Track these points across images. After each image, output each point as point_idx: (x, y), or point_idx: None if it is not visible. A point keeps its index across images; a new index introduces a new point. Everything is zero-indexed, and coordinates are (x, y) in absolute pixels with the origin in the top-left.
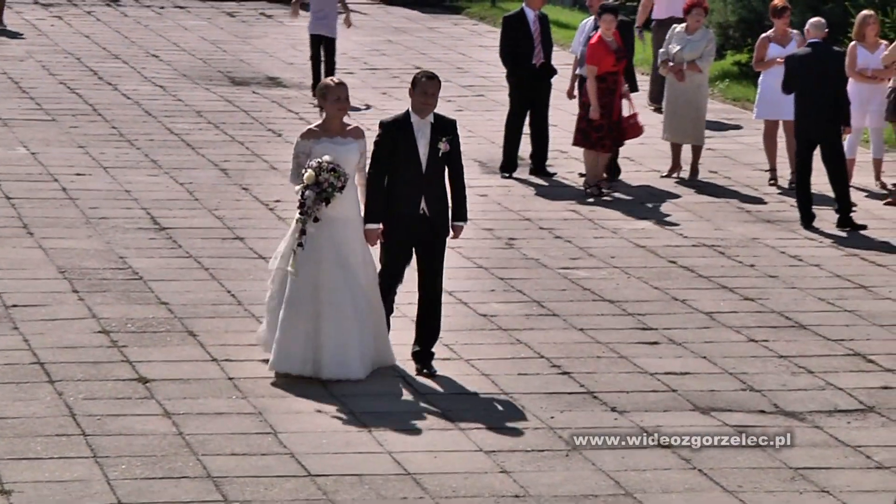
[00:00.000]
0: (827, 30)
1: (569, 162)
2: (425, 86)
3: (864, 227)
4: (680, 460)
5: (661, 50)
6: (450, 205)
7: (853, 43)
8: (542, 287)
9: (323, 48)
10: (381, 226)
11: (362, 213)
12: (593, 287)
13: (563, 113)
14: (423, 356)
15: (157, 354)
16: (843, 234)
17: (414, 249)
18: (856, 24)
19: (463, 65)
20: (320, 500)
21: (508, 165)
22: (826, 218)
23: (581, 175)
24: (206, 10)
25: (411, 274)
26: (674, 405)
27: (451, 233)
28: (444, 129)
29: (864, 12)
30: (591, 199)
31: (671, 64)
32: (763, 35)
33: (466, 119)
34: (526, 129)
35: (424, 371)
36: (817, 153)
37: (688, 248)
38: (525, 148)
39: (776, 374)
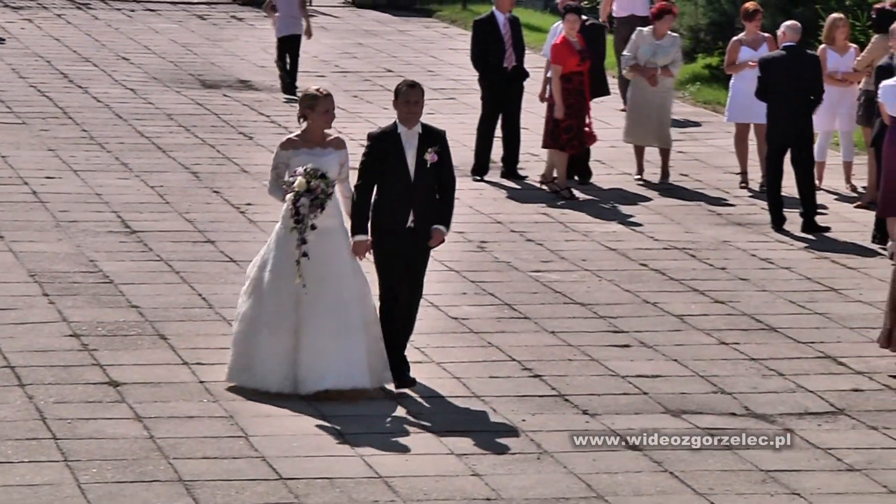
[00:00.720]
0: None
1: (540, 165)
2: (407, 94)
3: (827, 230)
4: (651, 463)
5: (627, 54)
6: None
7: (823, 46)
8: (513, 290)
9: (290, 46)
10: (369, 237)
11: (345, 224)
12: (564, 290)
13: (534, 116)
14: (397, 370)
15: (127, 358)
16: (814, 237)
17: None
18: (826, 28)
19: (434, 68)
20: (291, 503)
21: (480, 168)
22: (797, 221)
23: (545, 182)
24: (177, 13)
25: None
26: (645, 408)
27: (432, 237)
28: (433, 139)
29: (834, 15)
30: (561, 202)
31: (643, 67)
32: (734, 38)
33: (437, 122)
34: (497, 132)
35: (404, 387)
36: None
37: (659, 251)
38: (497, 151)
39: (747, 377)
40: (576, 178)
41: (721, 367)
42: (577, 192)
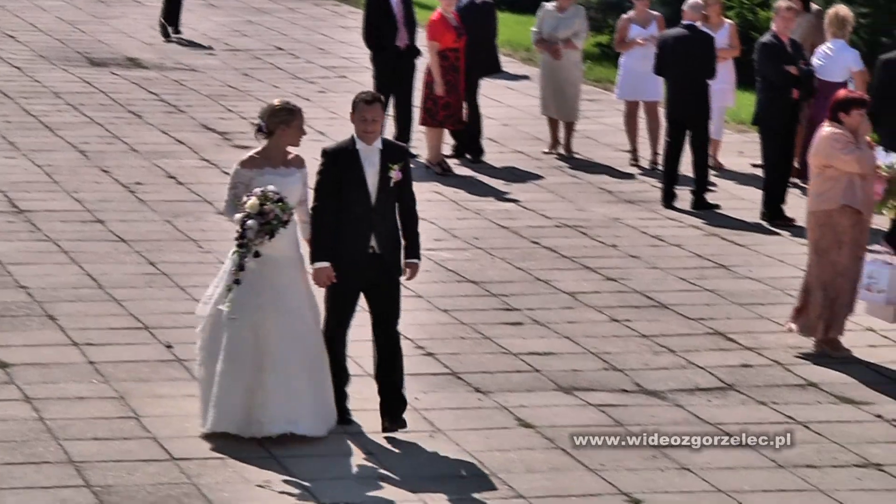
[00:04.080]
0: (705, 12)
1: None
2: (364, 111)
3: (717, 207)
4: (543, 440)
5: (534, 29)
6: (402, 241)
7: (698, 23)
8: None
9: None
10: (329, 264)
11: (303, 252)
12: (457, 268)
13: None
14: (389, 410)
15: (16, 339)
16: (704, 215)
17: (364, 293)
18: None
19: (325, 46)
20: (184, 483)
21: None
22: (687, 198)
23: (430, 166)
24: None
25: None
26: (537, 385)
27: (406, 272)
28: (396, 155)
29: None
30: (438, 173)
31: (546, 42)
32: (624, 16)
33: (329, 101)
34: (389, 110)
35: (393, 428)
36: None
37: (550, 229)
38: (388, 129)
39: (638, 354)
40: (467, 156)
41: (612, 343)
42: (451, 165)
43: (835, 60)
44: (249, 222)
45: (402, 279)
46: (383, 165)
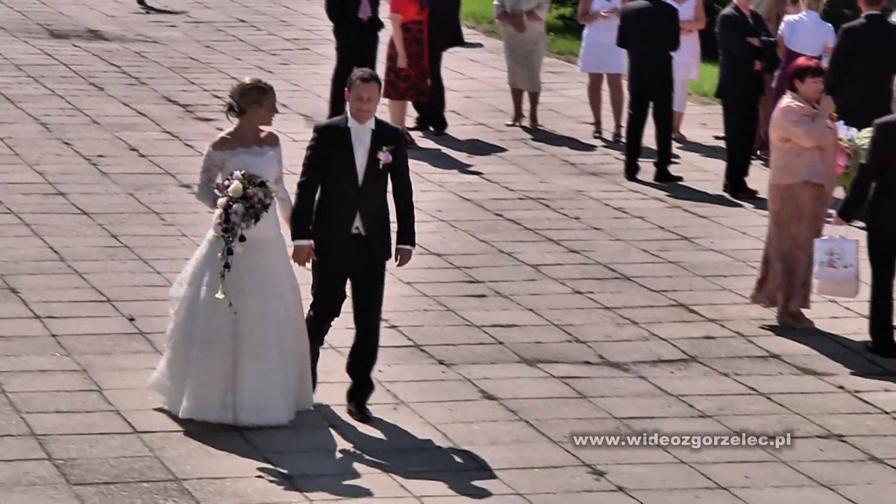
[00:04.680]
0: None
1: None
2: (360, 89)
3: (680, 179)
4: (507, 412)
5: (496, 2)
6: (392, 225)
7: None
8: None
9: None
10: (311, 242)
11: (283, 232)
12: (420, 241)
13: None
14: (356, 396)
15: None
16: (666, 187)
17: (350, 279)
18: None
19: (287, 18)
20: (147, 456)
21: None
22: (650, 170)
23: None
24: None
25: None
26: (501, 357)
27: (397, 258)
28: (387, 138)
29: None
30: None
31: (510, 15)
32: None
33: (292, 73)
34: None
35: (358, 416)
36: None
37: (514, 202)
38: None
39: (601, 326)
40: (431, 128)
41: (575, 315)
42: (415, 137)
43: (811, 33)
44: (235, 206)
45: (393, 265)
46: (374, 146)
